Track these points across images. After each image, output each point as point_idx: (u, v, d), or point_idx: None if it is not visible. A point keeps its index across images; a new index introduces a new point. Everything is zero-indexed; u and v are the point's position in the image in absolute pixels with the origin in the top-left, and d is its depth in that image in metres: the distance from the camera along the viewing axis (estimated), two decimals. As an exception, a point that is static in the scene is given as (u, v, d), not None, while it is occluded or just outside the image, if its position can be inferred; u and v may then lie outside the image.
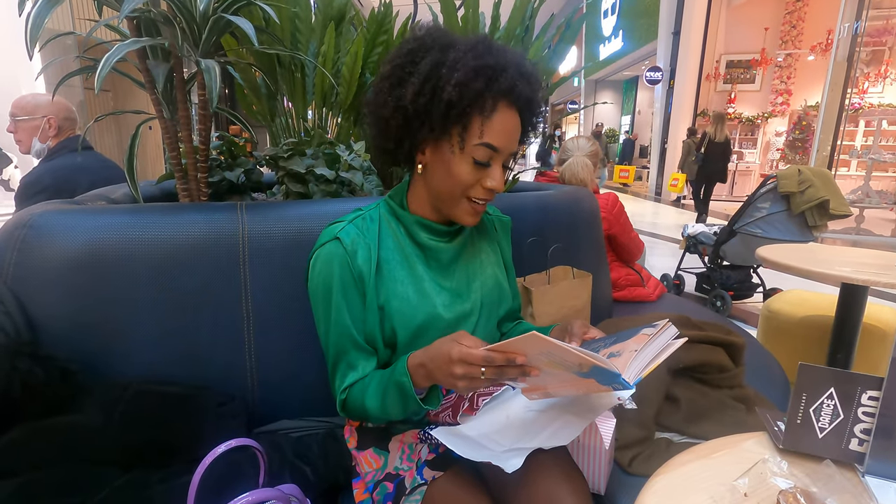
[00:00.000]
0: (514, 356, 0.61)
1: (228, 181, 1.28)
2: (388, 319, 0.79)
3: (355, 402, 0.79)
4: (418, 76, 0.72)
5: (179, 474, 0.74)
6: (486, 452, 0.71)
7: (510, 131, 0.75)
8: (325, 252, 0.77)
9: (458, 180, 0.75)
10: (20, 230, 0.91)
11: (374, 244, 0.79)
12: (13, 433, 0.73)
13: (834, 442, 0.65)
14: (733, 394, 1.11)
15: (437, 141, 0.75)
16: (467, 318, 0.85)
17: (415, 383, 0.70)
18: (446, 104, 0.70)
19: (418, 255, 0.83)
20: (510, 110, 0.74)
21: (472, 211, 0.78)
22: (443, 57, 0.72)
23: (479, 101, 0.71)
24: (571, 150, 2.06)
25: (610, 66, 13.32)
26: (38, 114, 1.86)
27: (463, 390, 0.66)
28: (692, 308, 1.95)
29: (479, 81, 0.70)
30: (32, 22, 0.83)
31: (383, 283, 0.79)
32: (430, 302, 0.81)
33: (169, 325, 0.95)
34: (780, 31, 9.77)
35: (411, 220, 0.82)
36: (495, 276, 0.91)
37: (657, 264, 4.36)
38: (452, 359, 0.63)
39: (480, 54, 0.71)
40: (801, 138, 9.55)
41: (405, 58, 0.74)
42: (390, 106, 0.74)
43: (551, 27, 1.68)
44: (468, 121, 0.72)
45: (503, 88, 0.71)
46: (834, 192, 2.69)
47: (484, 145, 0.73)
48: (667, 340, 0.68)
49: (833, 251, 1.98)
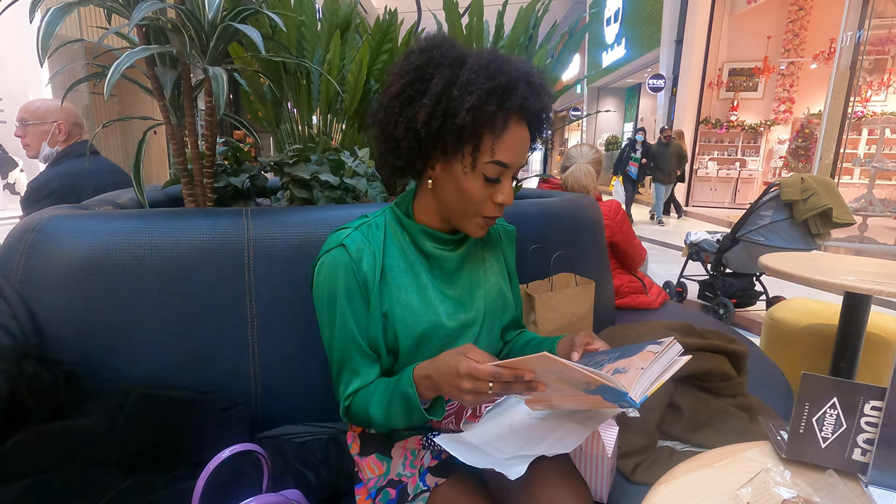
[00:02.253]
0: (522, 373, 0.62)
1: (234, 187, 1.29)
2: (391, 326, 0.79)
3: (359, 409, 0.79)
4: (430, 98, 0.71)
5: (183, 479, 0.75)
6: (489, 459, 0.71)
7: (520, 146, 0.75)
8: (331, 258, 0.77)
9: (469, 197, 0.75)
10: (28, 234, 0.92)
11: (378, 251, 0.79)
12: (19, 436, 0.74)
13: (837, 452, 0.65)
14: (736, 402, 1.11)
15: (448, 159, 0.75)
16: (470, 327, 0.84)
17: (420, 394, 0.71)
18: (460, 128, 0.70)
19: (422, 263, 0.83)
20: (520, 125, 0.74)
21: (481, 225, 0.78)
22: (454, 76, 0.71)
23: (491, 121, 0.70)
24: (574, 157, 2.06)
25: (613, 74, 13.35)
26: (48, 119, 1.88)
27: (469, 404, 0.67)
28: (695, 316, 1.95)
29: (492, 104, 0.69)
30: (44, 30, 0.84)
31: (387, 290, 0.79)
32: (434, 310, 0.81)
33: (173, 330, 0.96)
34: (782, 39, 9.79)
35: (416, 228, 0.82)
36: (499, 286, 0.91)
37: (659, 272, 4.36)
38: (460, 373, 0.64)
39: (493, 74, 0.70)
40: (803, 146, 9.55)
41: (414, 74, 0.73)
42: (402, 127, 0.74)
43: (555, 35, 1.70)
44: (479, 141, 0.72)
45: (514, 106, 0.71)
46: (837, 200, 2.69)
47: (495, 163, 0.73)
48: (672, 358, 0.68)
49: (836, 259, 1.97)
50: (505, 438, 0.77)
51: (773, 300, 3.23)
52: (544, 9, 1.63)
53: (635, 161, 7.99)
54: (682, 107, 9.83)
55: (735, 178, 10.23)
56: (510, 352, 0.95)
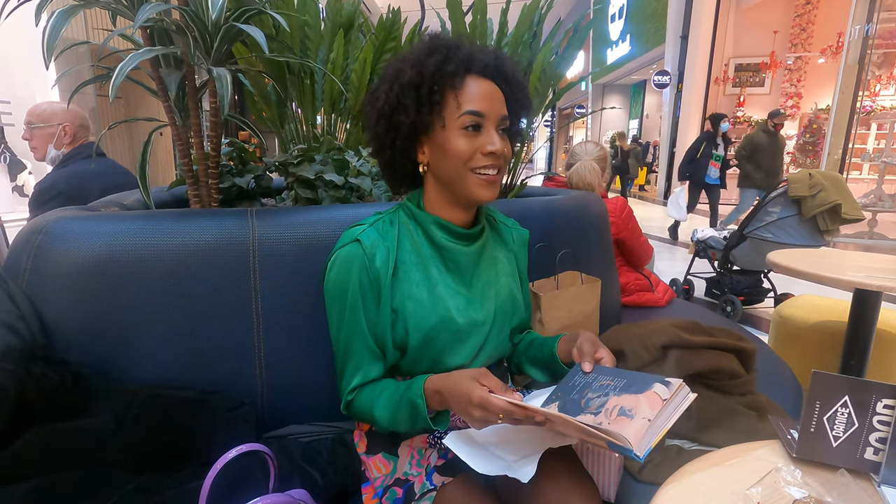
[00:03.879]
0: (533, 414, 0.63)
1: (239, 187, 1.29)
2: (401, 321, 0.80)
3: (363, 407, 0.80)
4: (386, 82, 0.79)
5: (190, 479, 0.75)
6: (499, 464, 0.70)
7: (489, 95, 0.77)
8: (345, 253, 0.79)
9: (456, 153, 0.76)
10: (36, 236, 0.92)
11: (392, 247, 0.81)
12: (27, 436, 0.74)
13: (849, 451, 0.64)
14: (745, 401, 1.10)
15: (428, 132, 0.78)
16: (481, 326, 0.84)
17: (428, 406, 0.72)
18: (413, 86, 0.75)
19: (435, 256, 0.83)
20: (480, 79, 0.77)
21: (481, 182, 0.78)
22: (402, 62, 0.79)
23: (443, 77, 0.75)
24: (579, 154, 2.05)
25: (618, 71, 13.28)
26: (54, 121, 1.89)
27: (477, 427, 0.69)
28: (702, 313, 1.94)
29: (434, 58, 0.75)
30: (49, 33, 0.85)
31: (399, 285, 0.80)
32: (444, 305, 0.81)
33: (180, 330, 0.96)
34: (789, 33, 9.70)
35: (429, 219, 0.83)
36: (510, 287, 0.91)
37: (666, 269, 4.33)
38: (472, 401, 0.65)
39: (429, 42, 0.78)
40: (811, 142, 9.46)
41: (379, 81, 0.82)
42: (373, 119, 0.81)
43: (559, 32, 1.69)
44: (442, 98, 0.76)
45: (462, 60, 0.76)
46: (846, 195, 2.66)
47: (466, 113, 0.75)
48: (679, 402, 0.66)
49: (845, 256, 1.95)
50: (512, 440, 0.77)
51: (782, 297, 3.21)
52: (548, 6, 1.62)
53: (718, 161, 5.60)
54: (687, 103, 9.76)
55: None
56: (513, 354, 0.96)
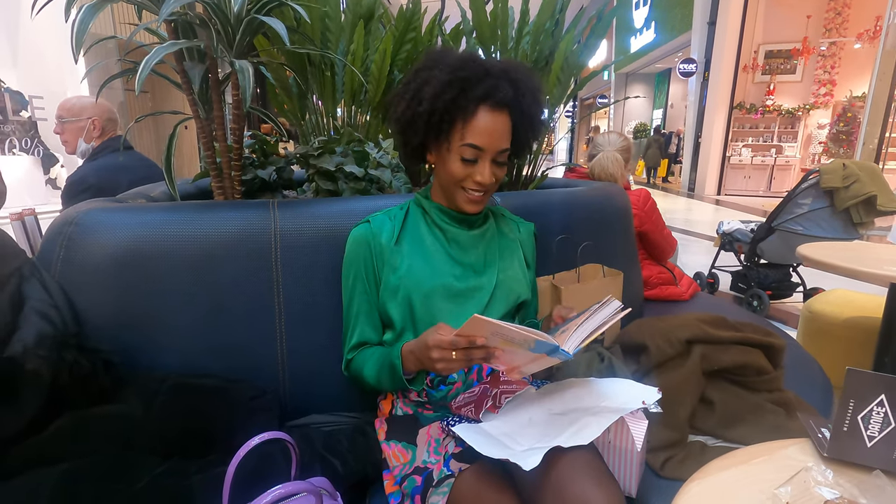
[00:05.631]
0: (473, 338, 0.72)
1: (261, 179, 1.31)
2: (404, 286, 0.91)
3: (358, 367, 0.93)
4: (409, 94, 0.88)
5: (215, 465, 0.76)
6: (506, 451, 0.72)
7: (493, 131, 0.85)
8: (356, 231, 0.95)
9: (451, 174, 0.89)
10: (67, 227, 0.95)
11: (398, 225, 0.95)
12: (60, 421, 0.77)
13: (884, 451, 0.62)
14: (772, 397, 1.07)
15: (437, 144, 0.90)
16: (478, 290, 0.94)
17: (405, 367, 0.83)
18: (427, 114, 0.85)
19: (438, 234, 0.96)
20: (493, 112, 0.85)
21: (468, 199, 0.91)
22: (428, 76, 0.85)
23: (456, 108, 0.84)
24: (602, 145, 2.01)
25: (641, 59, 12.97)
26: (83, 115, 1.94)
27: (441, 371, 0.77)
28: (728, 308, 1.89)
29: (450, 92, 0.83)
30: (77, 27, 0.86)
31: (402, 252, 0.93)
32: (442, 270, 0.93)
33: (205, 319, 0.98)
34: (823, 18, 9.29)
35: (432, 206, 0.97)
36: (514, 266, 1.00)
37: (690, 262, 4.24)
38: (429, 345, 0.75)
39: (454, 69, 0.84)
40: (845, 131, 9.09)
41: (410, 75, 0.90)
42: (392, 121, 0.93)
43: (582, 20, 1.65)
44: (451, 126, 0.86)
45: (478, 95, 0.83)
46: (882, 186, 2.55)
47: (467, 145, 0.85)
48: (609, 314, 0.76)
49: (881, 249, 1.88)
50: (523, 432, 0.78)
51: (811, 292, 3.10)
52: (571, -7, 1.58)
53: None
54: (714, 92, 9.48)
55: (771, 166, 9.83)
56: None
